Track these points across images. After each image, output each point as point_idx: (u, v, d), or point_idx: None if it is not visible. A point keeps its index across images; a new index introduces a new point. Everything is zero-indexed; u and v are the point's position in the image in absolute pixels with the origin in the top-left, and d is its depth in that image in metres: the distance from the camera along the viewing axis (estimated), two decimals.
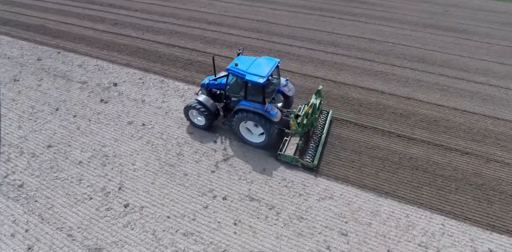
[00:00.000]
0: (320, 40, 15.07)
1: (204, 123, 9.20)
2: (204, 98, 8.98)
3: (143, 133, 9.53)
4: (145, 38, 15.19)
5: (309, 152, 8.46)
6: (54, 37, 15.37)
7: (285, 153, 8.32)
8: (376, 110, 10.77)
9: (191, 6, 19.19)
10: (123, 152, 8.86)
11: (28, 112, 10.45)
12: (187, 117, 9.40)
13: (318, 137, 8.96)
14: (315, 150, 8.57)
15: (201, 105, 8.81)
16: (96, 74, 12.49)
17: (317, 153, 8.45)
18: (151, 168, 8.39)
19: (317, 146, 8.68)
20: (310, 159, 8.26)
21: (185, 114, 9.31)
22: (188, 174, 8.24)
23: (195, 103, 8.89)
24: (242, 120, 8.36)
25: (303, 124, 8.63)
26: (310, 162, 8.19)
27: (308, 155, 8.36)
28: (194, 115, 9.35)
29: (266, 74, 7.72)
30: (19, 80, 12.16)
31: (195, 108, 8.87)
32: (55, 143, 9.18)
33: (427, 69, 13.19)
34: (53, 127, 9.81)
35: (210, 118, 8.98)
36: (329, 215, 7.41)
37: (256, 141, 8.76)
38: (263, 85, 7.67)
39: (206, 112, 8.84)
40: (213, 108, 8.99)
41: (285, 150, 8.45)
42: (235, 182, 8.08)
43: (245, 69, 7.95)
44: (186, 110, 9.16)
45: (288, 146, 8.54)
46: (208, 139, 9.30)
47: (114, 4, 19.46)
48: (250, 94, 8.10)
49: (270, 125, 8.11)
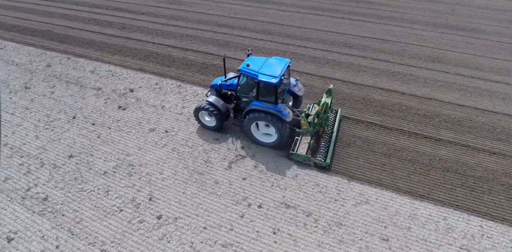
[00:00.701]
0: (333, 42, 14.99)
1: (215, 124, 9.12)
2: (214, 99, 8.92)
3: (167, 141, 9.26)
4: (156, 42, 14.91)
5: (321, 151, 8.48)
6: (61, 42, 14.98)
7: (298, 152, 8.33)
8: (399, 111, 10.69)
9: (198, 9, 18.97)
10: (149, 161, 8.58)
11: (44, 121, 10.08)
12: (197, 119, 9.31)
13: (329, 136, 8.97)
14: (327, 149, 8.56)
15: (211, 106, 8.73)
16: (110, 80, 12.16)
17: (329, 152, 8.45)
18: (180, 177, 8.13)
19: (329, 145, 8.68)
20: (322, 158, 8.28)
21: (195, 115, 9.24)
22: (219, 182, 8.01)
23: (205, 104, 8.81)
24: (254, 120, 8.33)
25: (314, 124, 8.64)
26: (322, 161, 8.20)
27: (320, 154, 8.38)
28: (204, 116, 9.27)
29: (278, 74, 7.73)
30: (30, 88, 11.76)
31: (206, 109, 8.79)
32: (76, 153, 8.85)
33: (442, 68, 13.19)
34: (72, 136, 9.47)
35: (221, 119, 8.87)
36: (368, 220, 7.26)
37: (267, 141, 8.71)
38: (276, 85, 7.66)
39: (216, 113, 8.76)
40: (224, 109, 8.90)
41: (297, 149, 8.44)
42: (269, 189, 7.87)
43: (257, 69, 7.95)
44: (196, 112, 9.08)
45: (300, 145, 8.54)
46: (235, 145, 9.08)
47: (120, 8, 19.11)
48: (262, 94, 8.08)
49: (282, 124, 8.09)
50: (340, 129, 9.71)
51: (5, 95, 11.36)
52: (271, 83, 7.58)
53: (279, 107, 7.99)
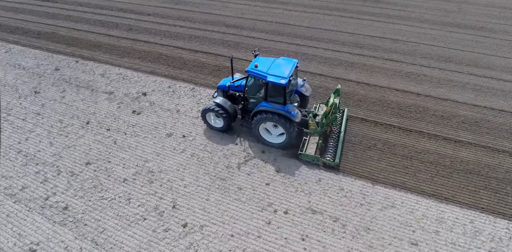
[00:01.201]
0: (344, 42, 14.86)
1: (222, 125, 9.11)
2: (221, 100, 8.91)
3: (185, 146, 9.09)
4: (164, 44, 14.66)
5: (329, 150, 8.50)
6: (68, 45, 14.69)
7: (306, 153, 8.33)
8: (416, 112, 10.62)
9: (204, 9, 18.70)
10: (169, 167, 8.42)
11: (57, 127, 9.86)
12: (204, 120, 9.28)
13: (337, 136, 8.96)
14: (335, 148, 8.57)
15: (219, 107, 8.72)
16: (122, 84, 11.93)
17: (337, 152, 8.46)
18: (202, 183, 7.99)
19: (337, 145, 8.69)
20: (331, 157, 8.29)
21: (202, 117, 9.21)
22: (242, 188, 7.87)
23: (213, 106, 8.79)
24: (262, 121, 8.34)
25: (322, 124, 8.66)
26: (331, 160, 8.21)
27: (329, 153, 8.41)
28: (211, 117, 9.24)
29: (287, 75, 7.74)
30: (40, 92, 11.50)
31: (213, 111, 8.77)
32: (94, 160, 8.66)
33: (455, 68, 13.13)
34: (88, 142, 9.27)
35: (228, 120, 8.86)
36: (395, 225, 7.19)
37: (276, 142, 8.74)
38: (285, 86, 7.66)
39: (224, 114, 8.75)
40: (232, 110, 8.91)
41: (305, 149, 8.42)
42: (293, 195, 7.76)
43: (265, 70, 7.95)
44: (204, 113, 9.05)
45: (308, 145, 8.55)
46: (254, 150, 8.94)
47: (124, 9, 18.78)
48: (270, 95, 8.08)
49: (291, 125, 8.12)
50: (360, 132, 9.63)
51: (14, 100, 11.09)
52: (280, 84, 7.59)
53: (287, 108, 7.99)
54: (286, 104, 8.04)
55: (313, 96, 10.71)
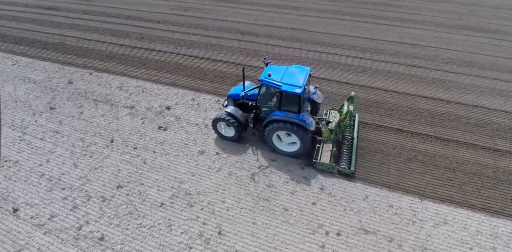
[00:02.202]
0: (364, 48, 14.62)
1: (234, 134, 8.88)
2: (232, 109, 8.77)
3: (220, 164, 8.63)
4: (181, 53, 14.16)
5: (343, 158, 8.36)
6: (79, 56, 14.06)
7: (321, 161, 8.21)
8: (450, 121, 10.39)
9: (216, 16, 18.27)
10: (207, 188, 7.94)
11: (79, 146, 9.26)
12: (215, 130, 9.13)
13: (350, 142, 8.84)
14: (349, 156, 8.43)
15: (230, 117, 8.60)
16: (142, 97, 11.38)
17: (352, 159, 8.34)
18: (245, 205, 7.53)
19: (351, 152, 8.57)
20: (346, 165, 8.15)
21: (213, 126, 9.03)
22: (288, 209, 7.45)
23: (224, 115, 8.65)
24: (276, 130, 8.22)
25: (336, 131, 8.57)
26: (347, 168, 8.07)
27: (343, 161, 8.27)
28: (222, 127, 9.01)
29: (301, 84, 7.68)
30: (55, 108, 10.87)
31: (225, 120, 8.61)
32: (125, 183, 8.11)
33: (479, 73, 13.01)
34: (115, 162, 8.71)
35: (240, 129, 8.72)
36: (451, 243, 6.88)
37: (289, 150, 8.59)
38: (300, 95, 7.57)
39: (236, 123, 8.58)
40: (243, 119, 8.78)
41: (320, 157, 8.28)
42: (342, 214, 7.38)
43: (279, 79, 7.84)
44: (215, 123, 8.87)
45: (322, 153, 8.43)
46: (294, 167, 8.53)
47: (133, 16, 18.20)
48: (284, 104, 7.98)
49: (305, 134, 8.02)
50: (397, 143, 9.33)
51: (29, 117, 10.44)
52: (296, 93, 7.49)
53: (302, 117, 7.91)
54: (300, 112, 7.92)
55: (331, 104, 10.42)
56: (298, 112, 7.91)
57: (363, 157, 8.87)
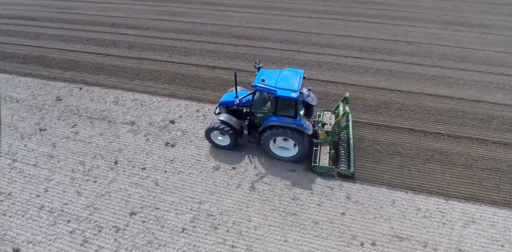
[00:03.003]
0: (361, 47, 14.62)
1: (229, 142, 8.65)
2: (226, 116, 8.52)
3: (239, 179, 8.15)
4: (176, 61, 13.46)
5: (342, 159, 8.30)
6: (64, 69, 12.98)
7: (321, 164, 8.11)
8: (458, 117, 10.53)
9: (206, 20, 17.61)
10: (229, 207, 7.45)
11: (80, 171, 8.43)
12: (209, 140, 8.81)
13: (347, 143, 8.78)
14: (348, 156, 8.36)
15: (225, 125, 8.34)
16: (141, 111, 10.63)
17: (351, 160, 8.26)
18: (273, 222, 7.13)
19: (349, 153, 8.50)
20: (346, 167, 8.08)
21: (206, 136, 8.71)
22: (318, 222, 7.14)
23: (218, 124, 8.35)
24: (273, 136, 8.06)
25: (333, 133, 8.54)
26: (347, 170, 8.01)
27: (343, 163, 8.20)
28: (215, 135, 8.74)
29: (297, 88, 7.54)
30: (46, 129, 9.89)
31: (219, 129, 8.29)
32: (138, 208, 7.44)
33: (474, 68, 13.35)
34: (123, 186, 7.99)
35: (235, 137, 8.48)
36: (483, 241, 6.91)
37: (287, 156, 8.45)
38: (296, 99, 7.41)
39: (231, 131, 8.34)
40: (238, 126, 8.54)
41: (319, 161, 8.19)
42: (373, 222, 7.18)
43: (274, 84, 7.67)
44: (208, 132, 8.58)
45: (320, 156, 8.34)
46: (314, 176, 8.24)
47: (118, 24, 17.14)
48: (280, 109, 7.79)
49: (303, 138, 7.94)
50: (413, 143, 9.29)
51: (17, 142, 9.42)
52: (292, 97, 7.34)
53: (299, 121, 7.76)
54: (297, 117, 7.75)
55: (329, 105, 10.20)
56: (294, 116, 7.76)
57: (382, 160, 8.75)
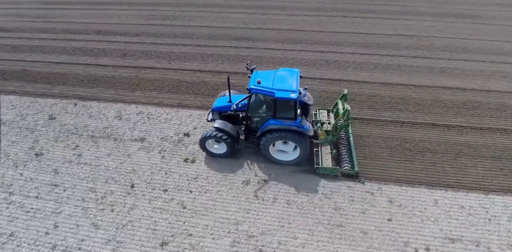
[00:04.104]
0: (365, 43, 14.40)
1: (226, 150, 8.12)
2: (221, 123, 8.02)
3: (273, 193, 7.51)
4: (177, 68, 12.55)
5: (344, 159, 8.05)
6: (52, 84, 11.68)
7: (324, 166, 7.81)
8: (475, 109, 10.49)
9: (200, 22, 16.71)
10: (270, 225, 6.79)
11: (92, 200, 7.42)
12: (204, 149, 8.22)
13: (347, 142, 8.55)
14: (350, 155, 8.13)
15: (221, 132, 7.84)
16: (150, 125, 9.68)
17: (353, 158, 8.02)
18: (321, 237, 6.57)
19: (350, 151, 8.26)
20: (350, 166, 7.84)
21: (201, 145, 8.08)
22: (367, 232, 6.68)
23: (213, 132, 7.83)
24: (274, 140, 7.68)
25: (333, 132, 8.28)
26: (351, 169, 7.76)
27: (345, 162, 7.94)
28: (210, 144, 8.21)
29: (295, 88, 7.21)
30: (43, 154, 8.72)
31: (215, 137, 7.80)
32: (168, 237, 6.59)
33: (476, 58, 13.47)
34: (146, 213, 7.10)
35: (232, 145, 8.02)
36: None
37: (288, 159, 8.07)
38: (296, 100, 7.10)
39: (227, 138, 7.85)
40: (235, 132, 8.09)
41: (321, 162, 7.91)
42: (421, 225, 6.85)
43: (270, 85, 7.29)
44: (203, 142, 8.04)
45: (322, 157, 8.03)
46: (352, 182, 7.78)
47: (104, 31, 15.83)
48: (279, 112, 7.41)
49: (305, 140, 7.64)
50: (439, 139, 9.10)
51: (10, 171, 8.20)
52: (292, 98, 7.01)
53: (299, 123, 7.42)
54: (297, 118, 7.41)
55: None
56: (294, 118, 7.39)
57: (414, 159, 8.47)
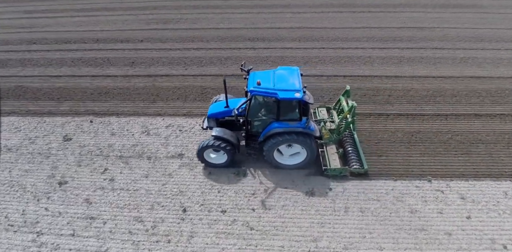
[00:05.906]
0: (382, 38, 14.17)
1: (226, 159, 7.51)
2: (219, 130, 7.41)
3: (343, 202, 6.82)
4: (196, 74, 11.61)
5: (352, 157, 7.65)
6: (58, 100, 10.34)
7: (332, 167, 7.36)
8: (508, 96, 10.42)
9: (206, 24, 15.78)
10: (351, 238, 6.08)
11: (141, 231, 6.38)
12: (202, 160, 7.60)
13: (352, 139, 8.17)
14: (357, 153, 7.75)
15: (220, 140, 7.24)
16: (185, 138, 8.70)
17: (361, 157, 7.64)
18: (407, 245, 6.00)
19: (357, 149, 7.89)
20: (359, 165, 7.45)
21: (198, 157, 7.52)
22: (451, 233, 6.25)
23: (212, 141, 7.23)
24: (279, 144, 7.17)
25: (338, 130, 7.91)
26: (361, 168, 7.38)
27: (354, 161, 7.54)
28: (209, 154, 7.60)
29: (299, 87, 6.79)
30: (67, 182, 7.50)
31: (214, 146, 7.18)
32: None
33: (492, 46, 13.52)
34: (209, 239, 6.16)
35: (233, 152, 7.42)
36: None
37: (294, 163, 7.58)
38: (301, 100, 6.71)
39: (228, 146, 7.25)
40: (235, 139, 7.49)
41: (329, 163, 7.49)
42: (501, 220, 6.53)
43: (272, 86, 6.84)
44: (201, 152, 7.41)
45: (330, 158, 7.61)
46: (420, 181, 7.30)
47: (102, 38, 14.48)
48: (283, 113, 6.98)
49: (311, 141, 7.20)
50: (488, 129, 8.90)
51: (32, 206, 6.94)
52: (297, 98, 6.61)
53: (304, 123, 6.96)
54: (302, 119, 6.97)
55: None
56: (299, 119, 6.94)
57: (470, 151, 8.28)
